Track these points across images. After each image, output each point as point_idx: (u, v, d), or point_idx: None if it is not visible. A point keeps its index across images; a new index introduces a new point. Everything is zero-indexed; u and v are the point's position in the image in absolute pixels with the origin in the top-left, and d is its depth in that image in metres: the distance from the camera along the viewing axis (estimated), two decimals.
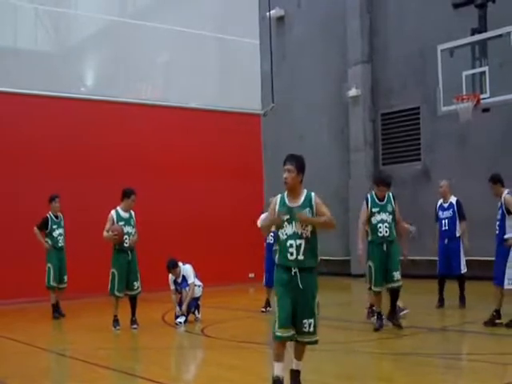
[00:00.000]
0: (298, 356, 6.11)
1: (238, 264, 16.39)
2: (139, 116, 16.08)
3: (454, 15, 15.01)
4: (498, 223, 9.36)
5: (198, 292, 10.74)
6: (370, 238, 9.54)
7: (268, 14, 19.56)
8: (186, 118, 16.83)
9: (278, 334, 5.86)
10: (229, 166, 17.18)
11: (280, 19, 21.26)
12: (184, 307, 10.47)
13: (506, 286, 9.18)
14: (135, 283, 10.34)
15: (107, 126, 15.54)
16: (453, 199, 11.58)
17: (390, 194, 9.60)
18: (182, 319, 10.39)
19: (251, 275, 16.73)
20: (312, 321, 5.93)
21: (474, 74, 13.15)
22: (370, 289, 9.67)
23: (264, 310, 11.73)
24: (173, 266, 10.62)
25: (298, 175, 5.94)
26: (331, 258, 19.43)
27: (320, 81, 20.01)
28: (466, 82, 13.06)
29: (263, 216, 10.22)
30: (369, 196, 9.70)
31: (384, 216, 9.45)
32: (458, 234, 11.44)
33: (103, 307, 11.26)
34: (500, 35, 12.65)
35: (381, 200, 9.56)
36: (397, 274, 9.45)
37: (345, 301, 14.76)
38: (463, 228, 11.43)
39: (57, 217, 12.31)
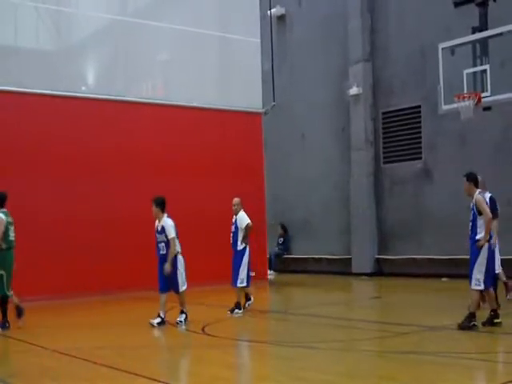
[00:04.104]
0: None
1: None
2: (140, 115, 16.09)
3: (454, 14, 15.00)
4: (470, 224, 9.21)
5: (178, 247, 10.39)
6: None
7: (269, 12, 19.56)
8: (186, 117, 16.82)
9: None
10: (230, 165, 17.17)
11: (281, 18, 21.26)
12: (168, 265, 10.08)
13: (473, 287, 9.09)
14: None
15: (108, 125, 15.55)
16: (486, 196, 10.68)
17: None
18: (182, 318, 10.37)
19: (252, 274, 16.72)
20: None
21: (474, 73, 13.12)
22: None
23: (243, 306, 11.56)
24: (157, 203, 10.31)
25: None
26: (332, 257, 19.46)
27: (321, 79, 20.01)
28: (467, 81, 13.04)
29: None
30: None
31: None
32: (492, 233, 10.56)
33: (102, 306, 11.28)
34: (501, 34, 12.62)
35: None
36: None
37: (346, 299, 14.77)
38: (494, 225, 10.49)
39: None
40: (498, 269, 10.92)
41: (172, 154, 16.34)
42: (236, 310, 11.43)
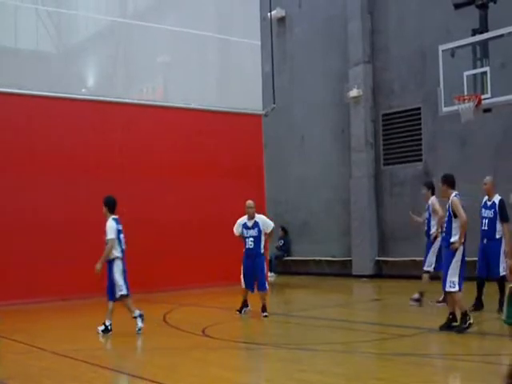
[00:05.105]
0: None
1: (240, 264, 16.35)
2: (141, 117, 16.08)
3: (454, 15, 14.99)
4: (445, 225, 9.18)
5: (117, 252, 9.90)
6: None
7: (269, 14, 19.55)
8: (186, 119, 16.81)
9: None
10: (230, 167, 17.16)
11: (281, 20, 21.26)
12: (98, 265, 9.69)
13: (448, 289, 9.06)
14: None
15: (108, 127, 15.54)
16: (496, 198, 10.83)
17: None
18: (102, 327, 9.79)
19: None
20: None
21: (475, 75, 13.10)
22: None
23: (239, 311, 11.56)
24: (105, 203, 10.06)
25: None
26: (332, 259, 19.45)
27: (321, 81, 20.01)
28: (468, 83, 13.02)
29: None
30: None
31: None
32: (497, 236, 10.68)
33: (101, 307, 11.24)
34: (501, 35, 12.60)
35: None
36: None
37: (346, 301, 14.75)
38: (504, 230, 10.58)
39: None
40: (503, 271, 10.68)
41: (172, 156, 16.33)
42: (244, 309, 11.50)
